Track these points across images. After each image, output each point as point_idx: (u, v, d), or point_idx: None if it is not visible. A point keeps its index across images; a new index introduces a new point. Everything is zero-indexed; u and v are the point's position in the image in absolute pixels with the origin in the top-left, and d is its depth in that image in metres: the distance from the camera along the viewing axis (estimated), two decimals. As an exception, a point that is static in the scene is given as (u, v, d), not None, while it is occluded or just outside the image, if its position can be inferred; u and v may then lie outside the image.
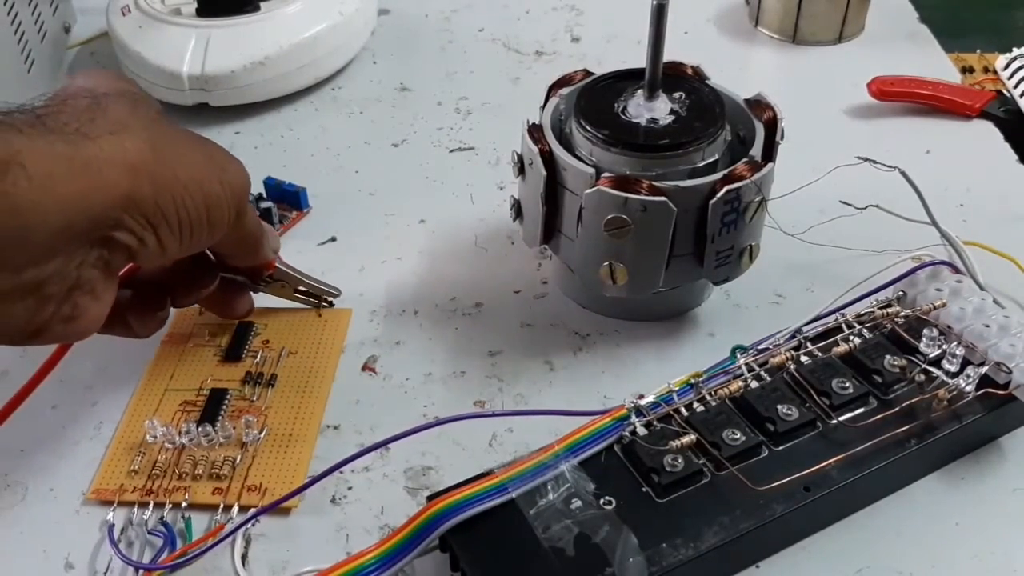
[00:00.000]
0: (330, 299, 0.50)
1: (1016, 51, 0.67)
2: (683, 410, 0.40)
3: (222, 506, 0.41)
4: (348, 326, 0.49)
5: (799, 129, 0.51)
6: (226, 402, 0.45)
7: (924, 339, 0.42)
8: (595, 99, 0.46)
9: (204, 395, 0.45)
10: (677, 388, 0.41)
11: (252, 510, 0.40)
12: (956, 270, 0.46)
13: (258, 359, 0.47)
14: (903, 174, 0.50)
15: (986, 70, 0.72)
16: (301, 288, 0.49)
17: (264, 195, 0.56)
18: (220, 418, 0.44)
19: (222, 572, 0.39)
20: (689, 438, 0.38)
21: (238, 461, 0.42)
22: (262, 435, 0.43)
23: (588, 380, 0.46)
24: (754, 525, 0.36)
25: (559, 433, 0.39)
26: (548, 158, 0.45)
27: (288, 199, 0.56)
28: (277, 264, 0.48)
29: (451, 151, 0.62)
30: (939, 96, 0.63)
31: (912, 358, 0.42)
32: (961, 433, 0.40)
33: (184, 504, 0.41)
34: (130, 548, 0.40)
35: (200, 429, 0.43)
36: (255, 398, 0.45)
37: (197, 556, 0.39)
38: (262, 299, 0.49)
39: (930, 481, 0.41)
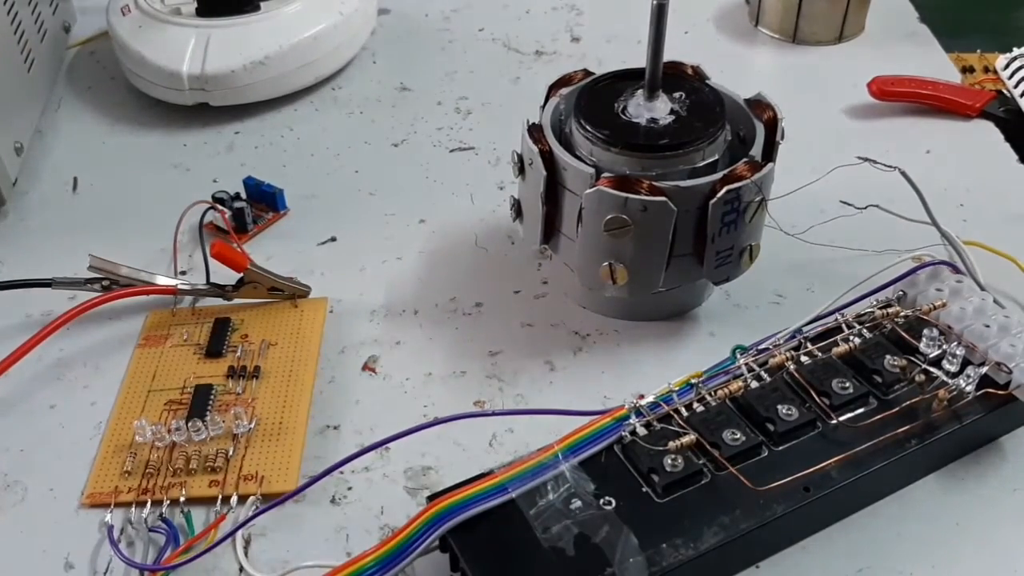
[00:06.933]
0: (303, 291, 0.50)
1: (1016, 51, 0.67)
2: (683, 410, 0.40)
3: (220, 497, 0.41)
4: (325, 314, 0.49)
5: (799, 129, 0.51)
6: (212, 397, 0.45)
7: (924, 339, 0.42)
8: (595, 99, 0.46)
9: (189, 393, 0.45)
10: (677, 388, 0.41)
11: (251, 509, 0.40)
12: (956, 270, 0.46)
13: (239, 353, 0.47)
14: (903, 174, 0.50)
15: (986, 70, 0.72)
16: (273, 288, 0.49)
17: (241, 195, 0.56)
18: (208, 413, 0.44)
19: (222, 572, 0.39)
20: (689, 438, 0.38)
21: (231, 452, 0.42)
22: (252, 425, 0.43)
23: (588, 380, 0.46)
24: (754, 525, 0.36)
25: (559, 433, 0.39)
26: (548, 158, 0.45)
27: (266, 200, 0.56)
28: (249, 267, 0.48)
29: (451, 151, 0.62)
30: (939, 96, 0.63)
31: (912, 358, 0.42)
32: (961, 433, 0.40)
33: (182, 499, 0.41)
34: (131, 547, 0.40)
35: (189, 425, 0.43)
36: (241, 391, 0.45)
37: (196, 557, 0.39)
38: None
39: (930, 481, 0.41)
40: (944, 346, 0.42)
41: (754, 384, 0.41)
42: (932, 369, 0.41)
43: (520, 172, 0.47)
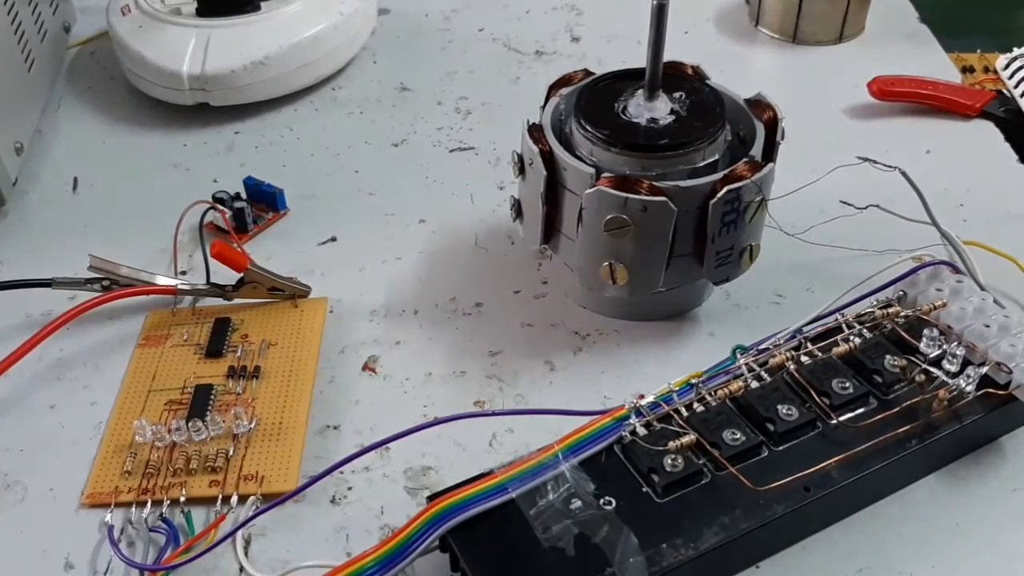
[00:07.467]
0: (304, 291, 0.50)
1: (1016, 51, 0.67)
2: (683, 410, 0.40)
3: (220, 497, 0.41)
4: (325, 314, 0.50)
5: (799, 129, 0.51)
6: (212, 397, 0.45)
7: (924, 339, 0.42)
8: (595, 99, 0.46)
9: (189, 393, 0.45)
10: (677, 388, 0.41)
11: (251, 509, 0.40)
12: (956, 270, 0.46)
13: (239, 353, 0.47)
14: (903, 174, 0.50)
15: (986, 70, 0.72)
16: (273, 288, 0.49)
17: (241, 195, 0.56)
18: (208, 413, 0.44)
19: (222, 572, 0.39)
20: (689, 438, 0.38)
21: (231, 452, 0.42)
22: (252, 425, 0.43)
23: (588, 380, 0.46)
24: (754, 525, 0.36)
25: (559, 433, 0.39)
26: (548, 158, 0.45)
27: (266, 200, 0.56)
28: (249, 267, 0.48)
29: (451, 151, 0.62)
30: (939, 96, 0.63)
31: (912, 358, 0.42)
32: (961, 433, 0.40)
33: (182, 499, 0.41)
34: (132, 547, 0.40)
35: (190, 425, 0.43)
36: (241, 391, 0.45)
37: (196, 557, 0.39)
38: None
39: (930, 481, 0.41)
40: (944, 346, 0.42)
41: (754, 384, 0.41)
42: (932, 369, 0.41)
43: (520, 172, 0.47)
